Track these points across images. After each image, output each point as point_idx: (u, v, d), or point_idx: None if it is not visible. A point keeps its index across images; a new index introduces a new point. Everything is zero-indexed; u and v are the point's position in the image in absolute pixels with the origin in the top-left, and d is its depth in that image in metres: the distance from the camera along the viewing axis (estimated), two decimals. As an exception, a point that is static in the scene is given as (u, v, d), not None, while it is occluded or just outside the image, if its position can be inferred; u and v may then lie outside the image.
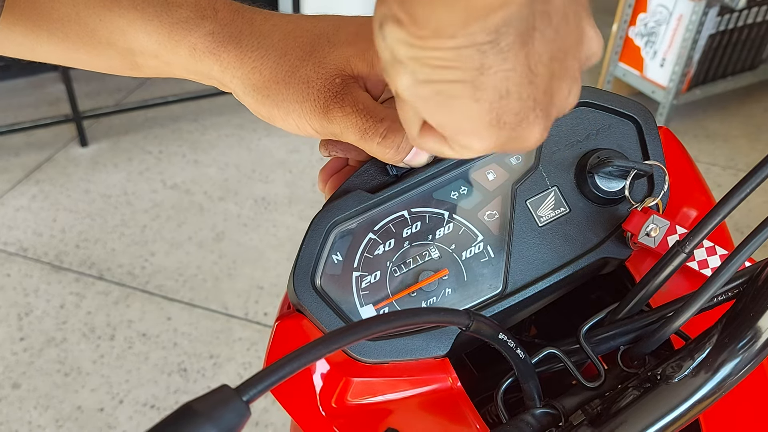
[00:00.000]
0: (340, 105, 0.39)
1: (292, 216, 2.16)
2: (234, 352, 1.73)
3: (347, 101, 0.39)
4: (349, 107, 0.39)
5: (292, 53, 0.40)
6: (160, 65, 0.43)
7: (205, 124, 2.55)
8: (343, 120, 0.39)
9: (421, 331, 0.41)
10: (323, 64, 0.40)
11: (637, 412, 0.35)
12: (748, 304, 0.35)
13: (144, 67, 0.44)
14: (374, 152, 0.40)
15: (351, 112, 0.39)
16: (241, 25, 0.41)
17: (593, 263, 0.44)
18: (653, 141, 0.46)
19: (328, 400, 0.41)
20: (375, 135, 0.39)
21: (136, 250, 2.00)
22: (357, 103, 0.39)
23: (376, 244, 0.43)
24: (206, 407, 0.24)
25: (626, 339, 0.40)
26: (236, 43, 0.40)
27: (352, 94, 0.39)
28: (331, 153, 0.46)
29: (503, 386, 0.41)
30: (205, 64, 0.41)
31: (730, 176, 2.39)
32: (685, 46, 2.36)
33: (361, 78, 0.40)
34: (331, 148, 0.46)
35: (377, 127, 0.39)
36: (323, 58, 0.40)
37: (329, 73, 0.39)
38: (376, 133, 0.39)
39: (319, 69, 0.40)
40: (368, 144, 0.39)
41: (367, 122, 0.39)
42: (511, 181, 0.45)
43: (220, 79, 0.42)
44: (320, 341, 0.27)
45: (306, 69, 0.40)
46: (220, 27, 0.41)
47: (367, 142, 0.39)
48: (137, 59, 0.43)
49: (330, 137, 0.41)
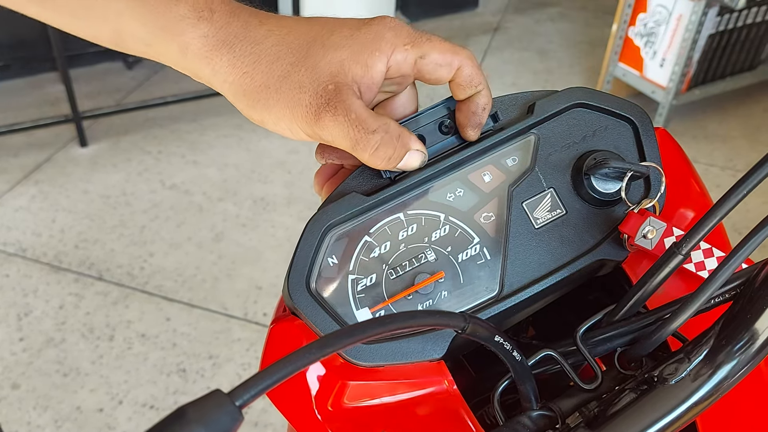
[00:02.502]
0: (333, 113, 0.38)
1: (291, 216, 2.16)
2: (233, 352, 1.73)
3: (339, 110, 0.38)
4: (342, 116, 0.38)
5: (285, 58, 0.40)
6: (149, 53, 0.42)
7: (204, 125, 2.55)
8: (334, 128, 0.38)
9: (417, 334, 0.41)
10: (316, 69, 0.39)
11: (634, 414, 0.35)
12: (745, 306, 0.35)
13: (132, 49, 0.43)
14: (365, 161, 0.40)
15: (343, 121, 0.38)
16: (236, 28, 0.40)
17: (590, 265, 0.44)
18: (650, 142, 0.46)
19: (324, 404, 0.41)
20: (366, 146, 0.39)
21: (135, 251, 2.00)
22: (349, 112, 0.38)
23: (371, 247, 0.43)
24: (199, 412, 0.24)
25: (623, 341, 0.40)
26: (229, 48, 0.40)
27: (345, 102, 0.39)
28: (327, 160, 0.46)
29: (500, 388, 0.41)
30: (196, 65, 0.41)
31: (728, 177, 2.39)
32: (685, 47, 2.36)
33: (355, 82, 0.40)
34: (327, 155, 0.45)
35: (369, 138, 0.39)
36: (317, 63, 0.39)
37: (322, 79, 0.39)
38: (367, 145, 0.39)
39: (311, 74, 0.39)
40: (359, 154, 0.39)
41: (359, 133, 0.38)
42: (508, 183, 0.45)
43: (209, 82, 0.42)
44: (315, 345, 0.27)
45: (299, 74, 0.39)
46: (215, 30, 0.40)
47: (358, 153, 0.39)
48: (127, 42, 0.42)
49: (321, 142, 0.41)
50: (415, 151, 0.41)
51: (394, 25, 0.41)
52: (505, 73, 3.00)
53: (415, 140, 0.41)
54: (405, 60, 0.41)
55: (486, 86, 0.43)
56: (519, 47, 3.22)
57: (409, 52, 0.41)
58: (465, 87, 0.42)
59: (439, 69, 0.41)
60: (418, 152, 0.41)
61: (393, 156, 0.40)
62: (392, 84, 0.44)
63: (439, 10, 3.43)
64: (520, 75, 3.00)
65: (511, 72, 3.01)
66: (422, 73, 0.42)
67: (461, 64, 0.42)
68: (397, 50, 0.40)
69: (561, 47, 3.22)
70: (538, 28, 3.39)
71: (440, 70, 0.42)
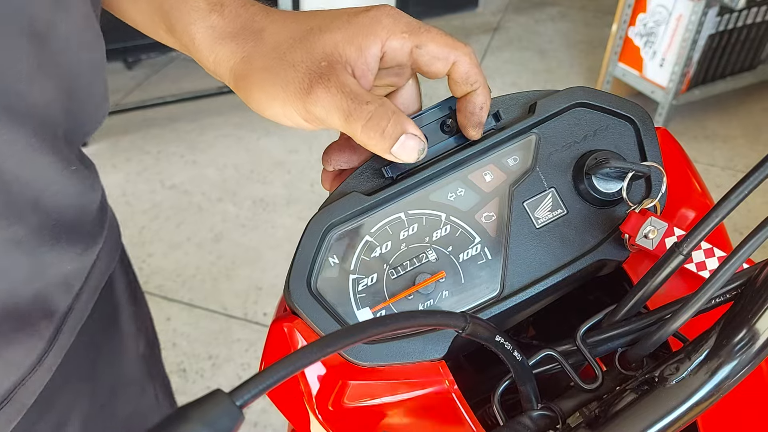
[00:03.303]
0: (325, 85, 0.38)
1: (290, 217, 2.16)
2: (233, 352, 1.73)
3: (332, 82, 0.38)
4: (334, 88, 0.38)
5: (284, 43, 0.40)
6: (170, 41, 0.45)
7: (204, 125, 2.55)
8: (327, 100, 0.38)
9: (418, 333, 0.41)
10: (311, 50, 0.39)
11: (635, 415, 0.35)
12: (746, 306, 0.35)
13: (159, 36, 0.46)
14: (359, 137, 0.39)
15: (336, 92, 0.38)
16: (244, 21, 0.42)
17: (591, 265, 0.44)
18: (651, 142, 0.46)
19: (324, 403, 0.41)
20: (359, 117, 0.38)
21: (134, 251, 1.99)
22: (343, 85, 0.38)
23: (372, 247, 0.43)
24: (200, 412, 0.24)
25: (624, 341, 0.40)
26: (232, 38, 0.41)
27: (339, 77, 0.38)
28: (335, 166, 0.45)
29: (500, 388, 0.41)
30: (201, 54, 0.42)
31: (729, 177, 2.39)
32: (685, 46, 2.36)
33: (348, 64, 0.40)
34: (335, 160, 0.45)
35: (362, 109, 0.38)
36: (312, 45, 0.40)
37: (316, 58, 0.39)
38: (360, 115, 0.38)
39: (306, 54, 0.39)
40: (352, 127, 0.38)
41: (352, 104, 0.38)
42: (509, 183, 0.44)
43: (214, 71, 0.43)
44: (316, 344, 0.27)
45: (293, 55, 0.39)
46: (224, 22, 0.41)
47: (352, 125, 0.38)
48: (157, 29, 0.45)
49: (315, 123, 0.40)
50: (412, 135, 0.38)
51: (393, 12, 0.41)
52: (505, 73, 3.00)
53: (412, 125, 0.39)
54: (401, 47, 0.40)
55: (483, 84, 0.43)
56: (519, 47, 3.22)
57: (406, 40, 0.40)
58: (461, 84, 0.42)
59: (435, 62, 0.41)
60: (415, 138, 0.38)
61: (387, 130, 0.38)
62: (390, 75, 0.44)
63: (439, 9, 3.44)
64: (520, 75, 3.00)
65: (511, 72, 3.02)
66: (418, 64, 0.41)
67: (458, 59, 0.41)
68: (394, 36, 0.40)
69: (561, 47, 3.22)
70: (538, 28, 3.39)
71: (436, 63, 0.41)
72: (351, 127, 0.38)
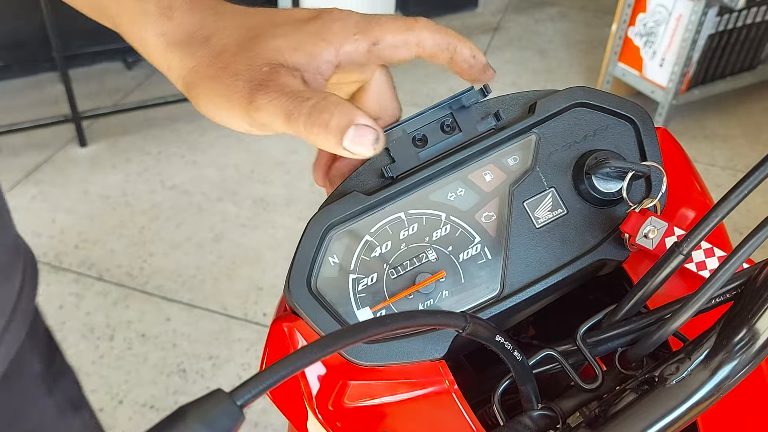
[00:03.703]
0: (265, 91, 0.36)
1: (290, 217, 2.16)
2: (233, 352, 1.73)
3: (272, 87, 0.36)
4: (273, 92, 0.36)
5: (228, 50, 0.39)
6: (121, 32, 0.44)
7: (204, 125, 2.55)
8: (268, 105, 0.36)
9: (418, 333, 0.41)
10: (255, 58, 0.38)
11: (635, 414, 0.35)
12: (746, 306, 0.35)
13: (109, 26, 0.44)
14: (304, 136, 0.36)
15: (275, 95, 0.36)
16: (191, 26, 0.40)
17: (591, 265, 0.44)
18: (651, 142, 0.46)
19: (324, 403, 0.41)
20: (299, 114, 0.35)
21: (135, 251, 1.99)
22: (282, 86, 0.36)
23: (372, 246, 0.43)
24: (200, 411, 0.24)
25: (624, 341, 0.40)
26: (181, 47, 0.40)
27: (280, 80, 0.37)
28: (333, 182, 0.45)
29: (500, 388, 0.41)
30: (154, 59, 0.42)
31: (729, 177, 2.39)
32: (685, 46, 2.36)
33: (297, 69, 0.38)
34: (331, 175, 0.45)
35: (302, 105, 0.35)
36: (257, 52, 0.39)
37: (257, 64, 0.38)
38: (300, 112, 0.35)
39: (248, 62, 0.38)
40: (295, 126, 0.36)
41: (292, 103, 0.36)
42: (509, 183, 0.45)
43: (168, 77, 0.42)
44: (316, 344, 0.27)
45: (236, 64, 0.38)
46: (173, 28, 0.40)
47: (293, 124, 0.36)
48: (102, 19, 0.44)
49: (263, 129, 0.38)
50: (363, 126, 0.34)
51: (342, 15, 0.40)
52: (505, 72, 3.00)
53: (362, 114, 0.35)
54: (356, 50, 0.40)
55: (460, 39, 0.41)
56: (519, 47, 3.22)
57: (360, 41, 0.39)
58: (439, 55, 0.41)
59: (398, 51, 0.40)
60: (368, 128, 0.34)
61: (332, 122, 0.34)
62: (353, 73, 0.43)
63: (439, 9, 3.43)
64: (520, 75, 3.00)
65: (511, 72, 3.01)
66: (381, 58, 0.41)
67: (420, 38, 0.40)
68: (347, 42, 0.39)
69: (561, 47, 3.22)
70: (537, 28, 3.39)
71: (399, 52, 0.40)
72: (294, 127, 0.36)
